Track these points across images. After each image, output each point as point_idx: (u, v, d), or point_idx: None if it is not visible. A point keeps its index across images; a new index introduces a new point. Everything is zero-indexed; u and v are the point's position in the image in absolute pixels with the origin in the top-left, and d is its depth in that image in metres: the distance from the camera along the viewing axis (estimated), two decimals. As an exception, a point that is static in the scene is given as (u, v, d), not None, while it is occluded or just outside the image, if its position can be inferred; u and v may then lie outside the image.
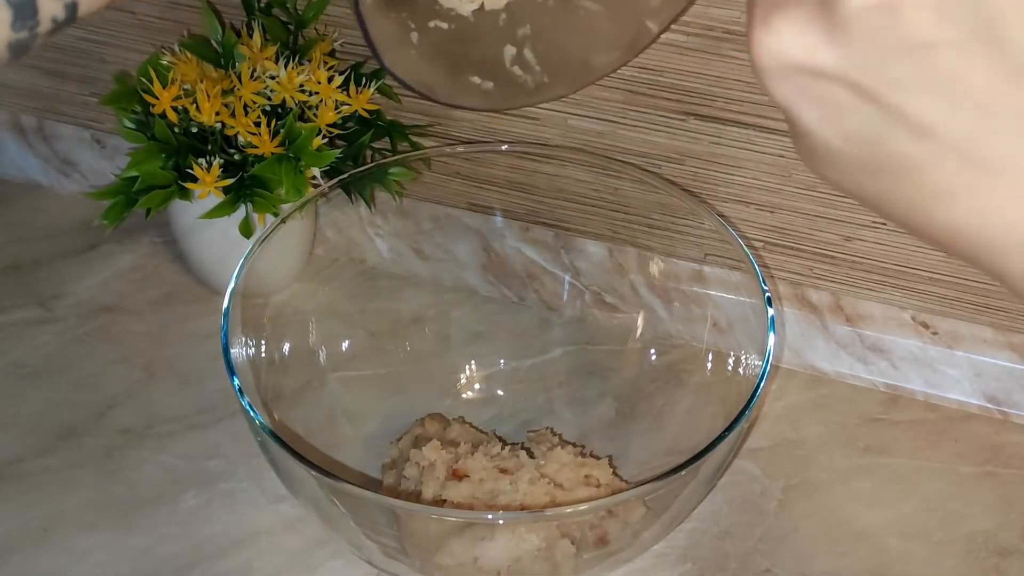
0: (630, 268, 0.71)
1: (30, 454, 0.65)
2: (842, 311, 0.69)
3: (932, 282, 0.66)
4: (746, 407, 0.52)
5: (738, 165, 0.66)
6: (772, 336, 0.55)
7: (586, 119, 0.68)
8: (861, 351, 0.69)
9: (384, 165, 0.67)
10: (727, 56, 0.62)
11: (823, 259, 0.68)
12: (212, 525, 0.61)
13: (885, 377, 0.70)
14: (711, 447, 0.50)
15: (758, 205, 0.67)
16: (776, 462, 0.65)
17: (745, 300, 0.60)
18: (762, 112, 0.63)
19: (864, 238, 0.66)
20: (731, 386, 0.61)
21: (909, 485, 0.64)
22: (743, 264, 0.59)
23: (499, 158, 0.71)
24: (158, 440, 0.66)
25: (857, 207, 0.64)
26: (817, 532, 0.61)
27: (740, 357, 0.61)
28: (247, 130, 0.64)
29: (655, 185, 0.64)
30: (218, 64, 0.66)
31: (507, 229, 0.74)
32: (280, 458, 0.51)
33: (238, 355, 0.58)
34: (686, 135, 0.66)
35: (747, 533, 0.61)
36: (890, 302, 0.68)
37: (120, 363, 0.71)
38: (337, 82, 0.66)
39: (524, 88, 0.42)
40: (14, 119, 0.85)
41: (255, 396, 0.57)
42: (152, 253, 0.80)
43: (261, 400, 0.59)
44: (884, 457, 0.66)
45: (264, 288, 0.63)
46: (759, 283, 0.58)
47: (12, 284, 0.77)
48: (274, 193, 0.65)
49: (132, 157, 0.64)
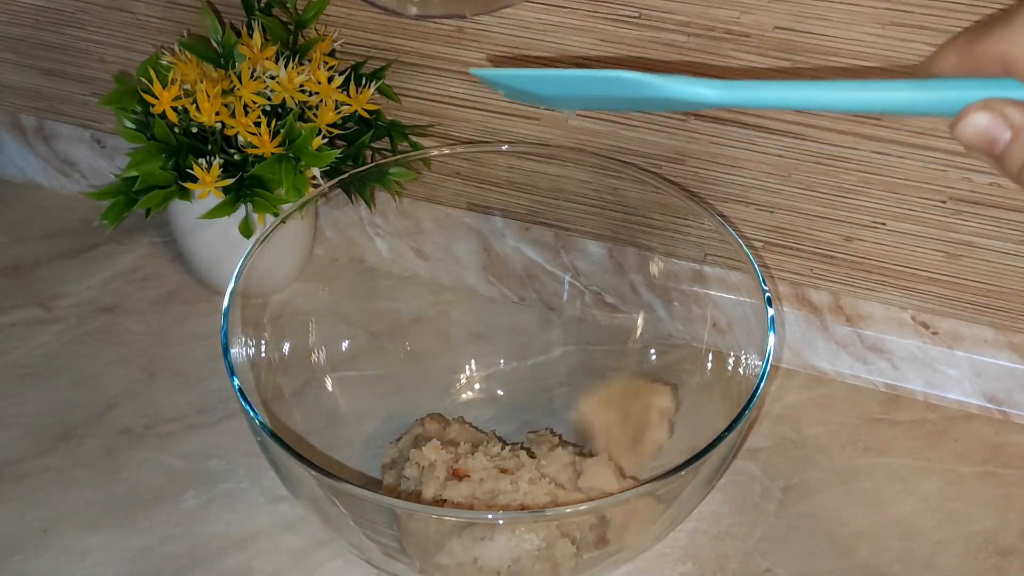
0: (630, 268, 0.71)
1: (30, 454, 0.65)
2: (842, 311, 0.69)
3: (932, 282, 0.66)
4: (746, 407, 0.52)
5: (738, 165, 0.66)
6: (772, 336, 0.55)
7: (587, 119, 0.68)
8: (861, 351, 0.69)
9: (384, 165, 0.67)
10: (727, 56, 0.62)
11: (823, 259, 0.68)
12: (212, 525, 0.61)
13: (885, 377, 0.70)
14: (711, 447, 0.50)
15: (758, 205, 0.67)
16: (776, 462, 0.65)
17: (745, 300, 0.60)
18: (762, 112, 0.63)
19: (864, 238, 0.66)
20: (731, 386, 0.61)
21: (909, 485, 0.64)
22: (743, 264, 0.59)
23: (499, 158, 0.71)
24: (158, 440, 0.66)
25: (857, 207, 0.64)
26: (817, 532, 0.61)
27: (740, 357, 0.61)
28: (247, 130, 0.64)
29: (655, 185, 0.64)
30: (218, 64, 0.66)
31: (507, 229, 0.74)
32: (280, 458, 0.51)
33: (238, 355, 0.58)
34: (686, 135, 0.66)
35: (747, 533, 0.61)
36: (890, 302, 0.68)
37: (120, 363, 0.71)
38: (337, 82, 0.66)
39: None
40: (14, 119, 0.85)
41: (255, 396, 0.57)
42: (152, 253, 0.80)
43: (261, 400, 0.58)
44: (884, 457, 0.66)
45: (264, 288, 0.63)
46: (759, 283, 0.58)
47: (12, 284, 0.77)
48: (274, 193, 0.65)
49: (132, 157, 0.64)
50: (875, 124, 0.61)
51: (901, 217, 0.64)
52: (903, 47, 0.57)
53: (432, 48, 0.69)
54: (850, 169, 0.63)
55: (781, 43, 0.60)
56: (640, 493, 0.50)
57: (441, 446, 0.59)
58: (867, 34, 0.58)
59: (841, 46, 0.59)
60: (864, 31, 0.58)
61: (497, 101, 0.69)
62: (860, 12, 0.57)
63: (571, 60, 0.65)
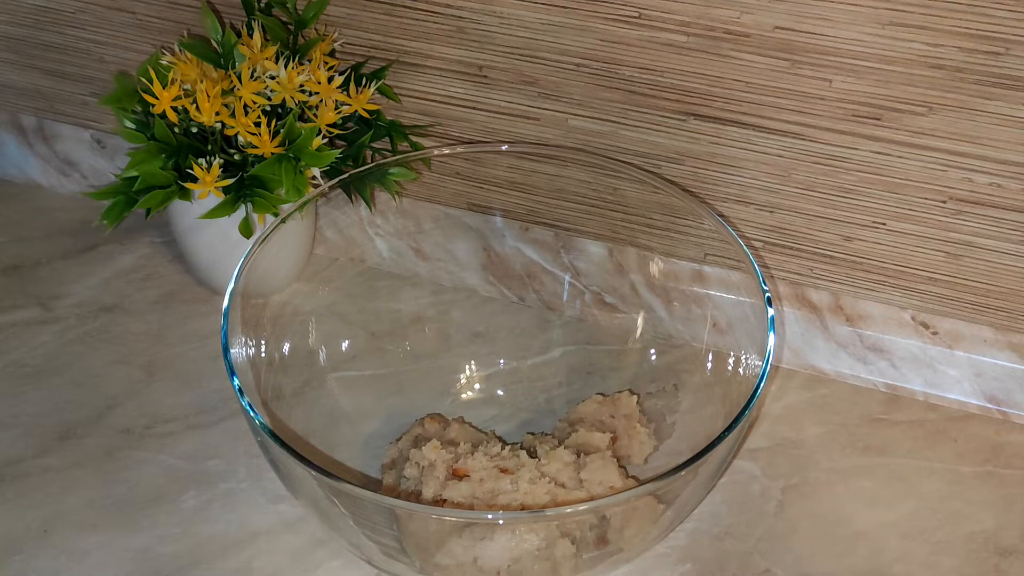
0: (630, 268, 0.71)
1: (30, 454, 0.65)
2: (842, 311, 0.69)
3: (932, 282, 0.66)
4: (746, 407, 0.52)
5: (738, 165, 0.66)
6: (772, 336, 0.55)
7: (586, 119, 0.68)
8: (861, 351, 0.69)
9: (384, 165, 0.67)
10: (727, 56, 0.61)
11: (823, 259, 0.68)
12: (212, 525, 0.61)
13: (885, 377, 0.69)
14: (711, 447, 0.50)
15: (758, 205, 0.67)
16: (776, 462, 0.65)
17: (745, 300, 0.60)
18: (762, 112, 0.63)
19: (864, 238, 0.66)
20: (731, 386, 0.61)
21: (909, 485, 0.64)
22: (743, 264, 0.59)
23: (499, 158, 0.71)
24: (158, 440, 0.66)
25: (857, 207, 0.64)
26: (817, 532, 0.61)
27: (740, 357, 0.61)
28: (247, 130, 0.64)
29: (655, 185, 0.64)
30: (218, 64, 0.66)
31: (507, 229, 0.73)
32: (280, 458, 0.51)
33: (238, 355, 0.58)
34: (686, 135, 0.66)
35: (747, 533, 0.61)
36: (890, 302, 0.67)
37: (120, 363, 0.71)
38: (337, 82, 0.66)
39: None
40: (14, 119, 0.85)
41: (255, 396, 0.57)
42: (152, 253, 0.80)
43: (261, 400, 0.58)
44: (884, 457, 0.65)
45: (264, 288, 0.63)
46: (759, 283, 0.58)
47: (12, 284, 0.77)
48: (274, 193, 0.65)
49: (132, 157, 0.64)
50: (875, 124, 0.61)
51: (901, 217, 0.64)
52: (904, 47, 0.57)
53: (432, 48, 0.69)
54: (850, 169, 0.63)
55: (781, 43, 0.60)
56: (640, 493, 0.50)
57: (441, 446, 0.59)
58: (867, 34, 0.58)
59: (841, 46, 0.58)
60: (864, 31, 0.58)
61: (497, 101, 0.69)
62: (860, 12, 0.57)
63: (571, 61, 0.65)
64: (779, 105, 0.62)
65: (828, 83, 0.60)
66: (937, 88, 0.58)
